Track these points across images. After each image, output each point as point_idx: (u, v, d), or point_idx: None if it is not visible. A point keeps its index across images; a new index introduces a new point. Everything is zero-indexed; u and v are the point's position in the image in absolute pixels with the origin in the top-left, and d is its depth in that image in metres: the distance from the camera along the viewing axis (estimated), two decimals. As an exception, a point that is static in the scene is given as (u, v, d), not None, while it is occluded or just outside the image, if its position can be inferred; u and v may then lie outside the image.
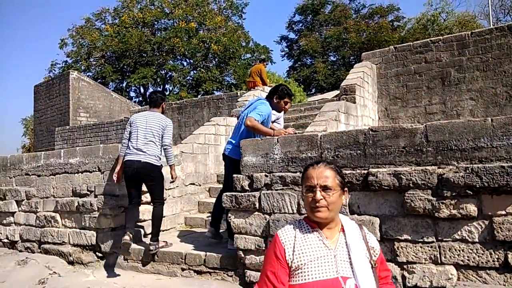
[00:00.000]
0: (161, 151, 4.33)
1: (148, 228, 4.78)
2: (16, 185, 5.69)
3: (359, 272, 1.40)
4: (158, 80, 27.17)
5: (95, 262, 4.55)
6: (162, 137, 4.30)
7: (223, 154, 4.29)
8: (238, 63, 27.12)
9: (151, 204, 4.44)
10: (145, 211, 4.82)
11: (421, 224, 2.83)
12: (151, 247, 4.09)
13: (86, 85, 17.45)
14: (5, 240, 5.62)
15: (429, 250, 2.81)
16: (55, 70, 27.46)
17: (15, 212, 5.57)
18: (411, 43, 9.04)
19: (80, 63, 26.45)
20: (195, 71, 27.63)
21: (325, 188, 1.47)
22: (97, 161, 4.90)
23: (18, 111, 77.80)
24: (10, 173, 5.83)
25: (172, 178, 4.48)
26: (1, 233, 5.71)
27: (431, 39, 8.92)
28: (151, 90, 28.64)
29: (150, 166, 4.16)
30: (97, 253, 4.60)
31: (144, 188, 4.41)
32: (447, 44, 8.43)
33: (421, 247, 2.83)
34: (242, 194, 3.61)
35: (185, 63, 28.35)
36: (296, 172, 3.36)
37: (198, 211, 5.85)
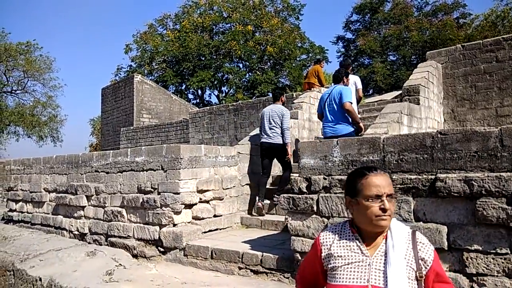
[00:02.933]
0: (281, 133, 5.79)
1: (205, 226, 4.94)
2: (87, 181, 6.12)
3: (392, 283, 1.34)
4: (215, 83, 27.91)
5: (157, 256, 4.76)
6: (281, 122, 5.76)
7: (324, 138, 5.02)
8: (293, 65, 27.06)
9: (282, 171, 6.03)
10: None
11: (494, 234, 2.62)
12: (274, 199, 5.55)
13: (148, 88, 18.37)
14: (76, 232, 6.08)
15: (503, 263, 2.59)
16: (120, 74, 29.25)
17: (85, 206, 6.00)
18: (481, 41, 8.43)
19: (144, 67, 27.93)
20: (250, 73, 28.01)
21: (390, 196, 1.43)
22: (160, 160, 5.13)
23: (86, 112, 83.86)
24: (81, 169, 6.29)
25: (287, 154, 5.78)
26: (72, 226, 6.18)
27: (503, 36, 8.25)
28: (208, 92, 29.48)
29: (275, 145, 5.79)
30: (159, 247, 4.82)
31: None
32: (523, 41, 7.75)
33: (493, 258, 2.63)
34: (300, 196, 3.59)
35: (241, 66, 28.85)
36: (356, 176, 3.27)
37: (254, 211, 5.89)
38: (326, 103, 5.20)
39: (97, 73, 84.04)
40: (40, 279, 4.12)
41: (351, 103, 5.01)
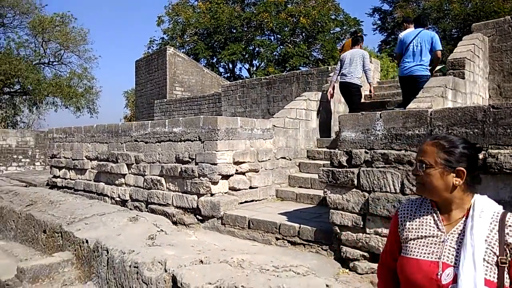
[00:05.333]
0: (362, 74, 6.60)
1: (241, 197, 5.02)
2: (127, 150, 6.32)
3: (466, 263, 1.25)
4: (247, 56, 27.67)
5: (196, 224, 4.92)
6: (363, 64, 6.48)
7: (407, 77, 5.50)
8: (327, 37, 26.32)
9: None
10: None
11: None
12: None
13: (181, 60, 18.46)
14: (118, 199, 6.34)
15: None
16: (153, 47, 29.48)
17: (125, 174, 6.23)
18: (535, 11, 7.85)
19: (175, 40, 27.99)
20: (282, 46, 27.53)
21: (421, 163, 1.39)
22: (197, 131, 5.21)
23: (120, 85, 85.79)
24: (121, 139, 6.48)
25: (370, 92, 6.79)
26: (113, 192, 6.45)
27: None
28: (239, 66, 29.31)
29: (352, 84, 6.54)
30: (197, 216, 4.97)
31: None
32: None
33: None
34: (340, 170, 3.57)
35: (272, 38, 28.38)
36: (400, 150, 3.21)
37: (289, 184, 5.94)
38: (412, 44, 5.50)
39: (131, 46, 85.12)
40: (87, 241, 4.36)
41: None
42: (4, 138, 17.58)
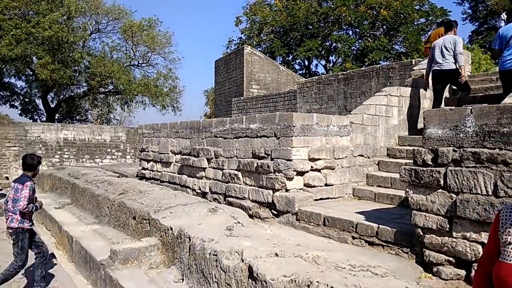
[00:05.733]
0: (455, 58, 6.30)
1: (316, 194, 4.97)
2: (207, 145, 6.64)
3: None
4: (323, 52, 27.25)
5: (271, 218, 5.01)
6: (454, 48, 6.27)
7: (509, 71, 5.26)
8: (410, 29, 24.83)
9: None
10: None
11: None
12: None
13: (257, 59, 18.80)
14: (198, 191, 6.70)
15: None
16: (231, 46, 30.42)
17: (205, 168, 6.55)
18: None
19: (252, 39, 28.57)
20: (360, 41, 26.61)
21: None
22: (273, 127, 5.28)
23: (201, 84, 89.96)
24: (202, 135, 6.82)
25: (461, 76, 6.26)
26: (195, 185, 6.82)
27: None
28: (314, 62, 28.97)
29: (448, 70, 6.32)
30: (272, 210, 5.05)
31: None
32: None
33: None
34: (424, 169, 3.37)
35: (350, 33, 27.57)
36: (494, 149, 2.93)
37: (367, 183, 5.75)
38: None
39: (211, 47, 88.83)
40: (171, 229, 4.68)
41: None
42: (100, 133, 19.54)
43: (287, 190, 5.03)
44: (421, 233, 3.34)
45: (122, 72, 24.77)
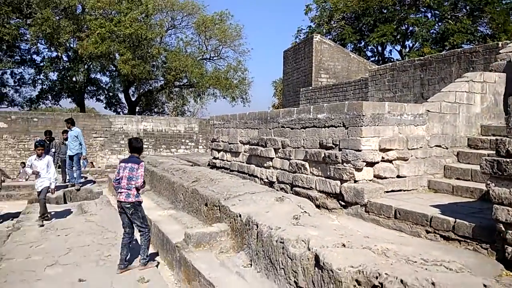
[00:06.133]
0: None
1: (387, 186, 4.79)
2: (274, 136, 6.70)
3: None
4: (398, 37, 25.80)
5: (338, 209, 4.94)
6: None
7: None
8: (497, 9, 22.46)
9: None
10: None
11: None
12: None
13: (327, 47, 18.40)
14: (266, 180, 6.81)
15: None
16: (300, 36, 30.11)
17: (273, 158, 6.63)
18: None
19: (322, 27, 27.99)
20: (440, 23, 24.70)
21: None
22: (342, 117, 5.17)
23: (269, 75, 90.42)
24: (269, 125, 6.90)
25: None
26: (262, 174, 6.94)
27: None
28: (388, 48, 27.61)
29: None
30: (340, 201, 4.98)
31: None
32: None
33: None
34: (508, 160, 3.08)
35: (429, 15, 25.71)
36: None
37: (444, 175, 5.40)
38: None
39: (280, 37, 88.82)
40: (240, 215, 4.84)
41: None
42: (175, 125, 20.67)
43: (355, 181, 4.91)
44: (503, 229, 3.07)
45: (195, 66, 25.84)
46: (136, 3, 22.81)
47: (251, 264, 4.28)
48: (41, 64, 26.91)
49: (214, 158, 9.24)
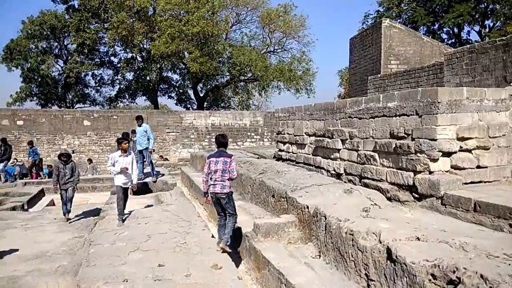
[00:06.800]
0: None
1: (466, 177, 4.48)
2: (341, 126, 6.57)
3: None
4: (477, 16, 23.67)
5: (411, 202, 4.73)
6: None
7: None
8: None
9: None
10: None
11: None
12: None
13: (397, 32, 17.49)
14: (332, 172, 6.72)
15: None
16: (367, 21, 28.92)
17: (340, 149, 6.52)
18: None
19: (392, 10, 26.59)
20: (527, -2, 22.18)
21: None
22: (414, 105, 4.92)
23: (334, 64, 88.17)
24: (336, 116, 6.78)
25: None
26: (329, 166, 6.86)
27: None
28: (466, 29, 25.51)
29: None
30: (413, 194, 4.76)
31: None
32: None
33: None
34: None
35: (515, -11, 23.19)
36: None
37: (532, 165, 4.92)
38: None
39: (345, 25, 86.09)
40: (307, 207, 4.86)
41: None
42: (241, 118, 21.12)
43: (430, 172, 4.66)
44: None
45: (259, 60, 26.06)
46: (202, 1, 23.56)
47: (319, 256, 4.29)
48: (118, 65, 29.11)
49: (280, 150, 9.31)
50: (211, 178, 5.20)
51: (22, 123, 18.64)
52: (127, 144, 7.08)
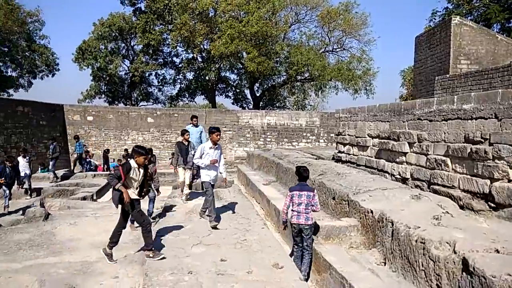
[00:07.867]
0: None
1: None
2: (409, 129, 6.28)
3: None
4: None
5: (487, 211, 4.40)
6: None
7: None
8: None
9: None
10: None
11: None
12: None
13: (468, 30, 16.39)
14: (398, 176, 6.45)
15: None
16: (435, 19, 27.39)
17: (406, 152, 6.23)
18: None
19: (462, 7, 24.95)
20: None
21: None
22: (493, 108, 4.57)
23: (396, 63, 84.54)
24: (403, 117, 6.50)
25: None
26: (394, 170, 6.59)
27: None
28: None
29: None
30: (489, 203, 4.43)
31: None
32: None
33: None
34: None
35: None
36: None
37: None
38: None
39: (410, 22, 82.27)
40: (372, 211, 4.70)
41: None
42: (297, 118, 20.98)
43: (510, 181, 4.30)
44: None
45: (317, 59, 25.72)
46: (263, 1, 23.73)
47: (384, 263, 4.13)
48: (180, 65, 30.24)
49: (339, 151, 9.12)
50: (293, 210, 5.09)
51: (92, 119, 20.02)
52: (218, 136, 6.61)
